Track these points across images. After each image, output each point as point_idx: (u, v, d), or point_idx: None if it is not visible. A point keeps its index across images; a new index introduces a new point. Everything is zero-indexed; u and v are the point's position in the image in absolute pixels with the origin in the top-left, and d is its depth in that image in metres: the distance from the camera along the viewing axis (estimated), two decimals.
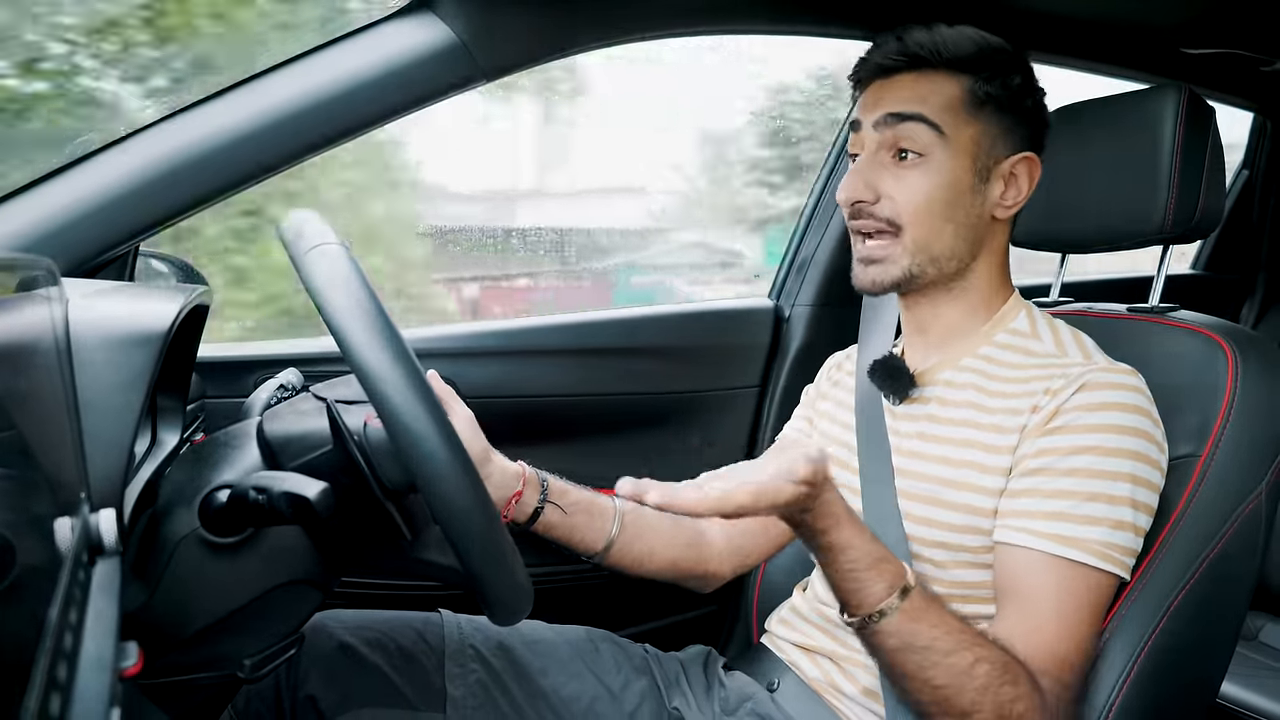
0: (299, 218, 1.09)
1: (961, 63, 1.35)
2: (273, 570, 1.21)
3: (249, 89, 1.59)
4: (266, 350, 2.04)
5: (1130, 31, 2.08)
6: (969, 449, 1.33)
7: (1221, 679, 1.43)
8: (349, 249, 1.01)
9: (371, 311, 0.97)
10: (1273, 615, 2.51)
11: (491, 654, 1.55)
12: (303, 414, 1.28)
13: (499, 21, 1.64)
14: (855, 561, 1.15)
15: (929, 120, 1.33)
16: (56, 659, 0.60)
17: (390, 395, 0.96)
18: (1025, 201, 1.39)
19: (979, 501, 1.31)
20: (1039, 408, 1.29)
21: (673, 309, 2.40)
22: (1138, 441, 1.25)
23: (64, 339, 0.93)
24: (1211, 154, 1.48)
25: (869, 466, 1.43)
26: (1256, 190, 3.10)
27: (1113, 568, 1.23)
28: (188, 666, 1.19)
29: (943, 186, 1.33)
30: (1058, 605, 1.22)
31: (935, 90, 1.35)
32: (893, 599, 1.14)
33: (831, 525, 1.13)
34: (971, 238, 1.37)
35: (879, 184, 1.35)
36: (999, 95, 1.35)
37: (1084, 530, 1.22)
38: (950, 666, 1.15)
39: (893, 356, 1.47)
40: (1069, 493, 1.24)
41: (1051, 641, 1.21)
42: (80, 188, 1.49)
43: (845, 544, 1.15)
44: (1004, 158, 1.37)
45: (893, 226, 1.35)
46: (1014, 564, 1.26)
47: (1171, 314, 1.51)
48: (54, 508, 0.73)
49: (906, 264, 1.36)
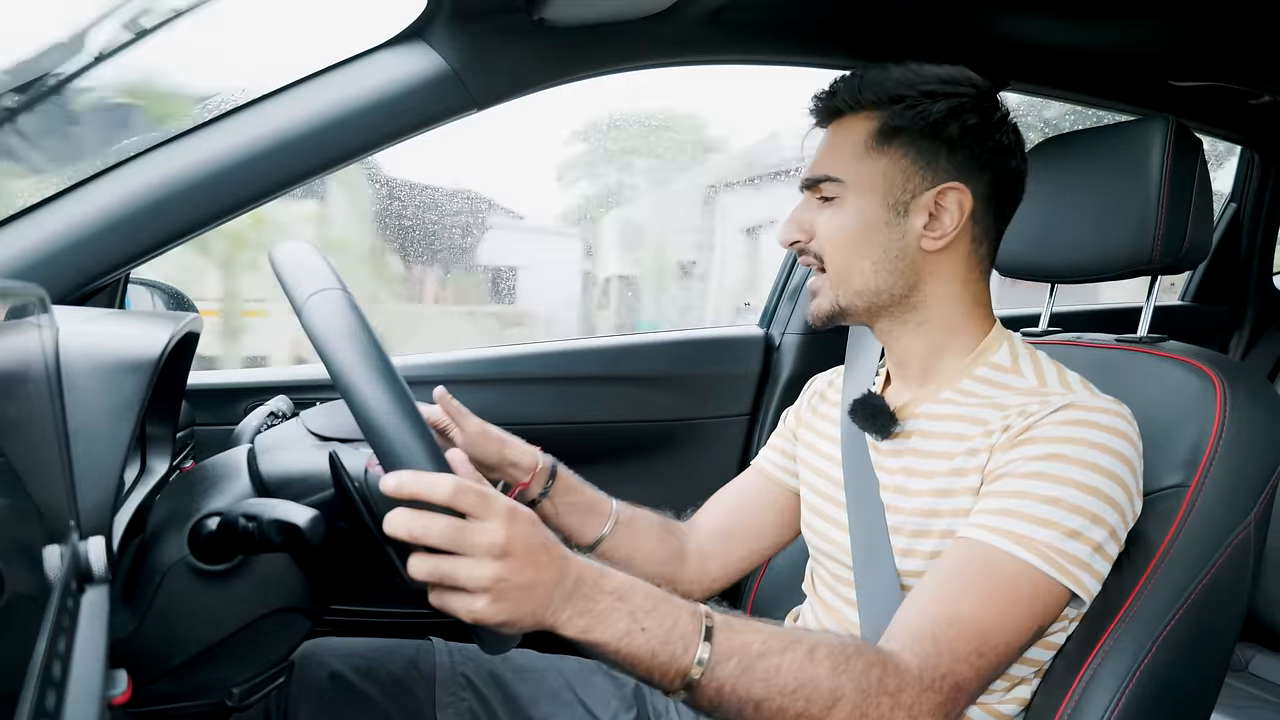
0: (294, 252, 1.08)
1: (879, 100, 1.34)
2: (262, 598, 1.21)
3: (240, 117, 1.60)
4: (256, 377, 2.04)
5: (1118, 63, 2.09)
6: (949, 478, 1.31)
7: (1211, 710, 1.43)
8: (349, 294, 1.01)
9: (382, 370, 0.96)
10: (1262, 647, 2.51)
11: (483, 683, 1.55)
12: (298, 451, 1.28)
13: (491, 51, 1.65)
14: (650, 598, 1.05)
15: (831, 178, 1.35)
16: (45, 687, 0.60)
17: (410, 465, 0.95)
18: (955, 234, 1.34)
19: (954, 525, 1.28)
20: (1010, 427, 1.26)
21: (663, 337, 2.41)
22: (1113, 462, 1.20)
23: (54, 366, 0.93)
24: (1199, 185, 1.49)
25: (857, 503, 1.42)
26: (1244, 222, 3.12)
27: (1059, 575, 1.15)
28: (176, 695, 1.18)
29: (853, 223, 1.34)
30: (977, 587, 1.16)
31: (844, 137, 1.36)
32: (701, 618, 1.05)
33: (600, 574, 1.04)
34: (896, 270, 1.35)
35: (809, 224, 1.38)
36: (913, 125, 1.33)
37: (1032, 529, 1.16)
38: (792, 664, 1.06)
39: (872, 395, 1.45)
40: (1025, 494, 1.19)
41: (951, 611, 1.14)
42: (70, 216, 1.49)
43: (629, 586, 1.05)
44: (924, 189, 1.33)
45: (820, 261, 1.38)
46: (949, 551, 1.23)
47: (1160, 345, 1.51)
48: (43, 535, 0.73)
49: (833, 297, 1.38)
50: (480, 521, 0.95)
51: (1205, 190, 1.51)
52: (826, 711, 1.06)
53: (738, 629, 1.07)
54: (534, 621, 0.99)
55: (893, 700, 1.07)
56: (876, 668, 1.08)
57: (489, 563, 0.95)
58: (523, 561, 0.96)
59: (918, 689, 1.09)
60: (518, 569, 0.96)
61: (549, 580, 0.99)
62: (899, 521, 1.34)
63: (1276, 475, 1.37)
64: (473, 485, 0.95)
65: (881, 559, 1.34)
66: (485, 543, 0.94)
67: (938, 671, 1.11)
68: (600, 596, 1.02)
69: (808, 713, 1.06)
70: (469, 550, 0.94)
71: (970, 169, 1.34)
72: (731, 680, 1.04)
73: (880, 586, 1.33)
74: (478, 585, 0.95)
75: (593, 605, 1.01)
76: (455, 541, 0.94)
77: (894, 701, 1.07)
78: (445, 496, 0.93)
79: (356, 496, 1.15)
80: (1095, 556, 1.18)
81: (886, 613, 1.26)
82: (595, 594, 1.02)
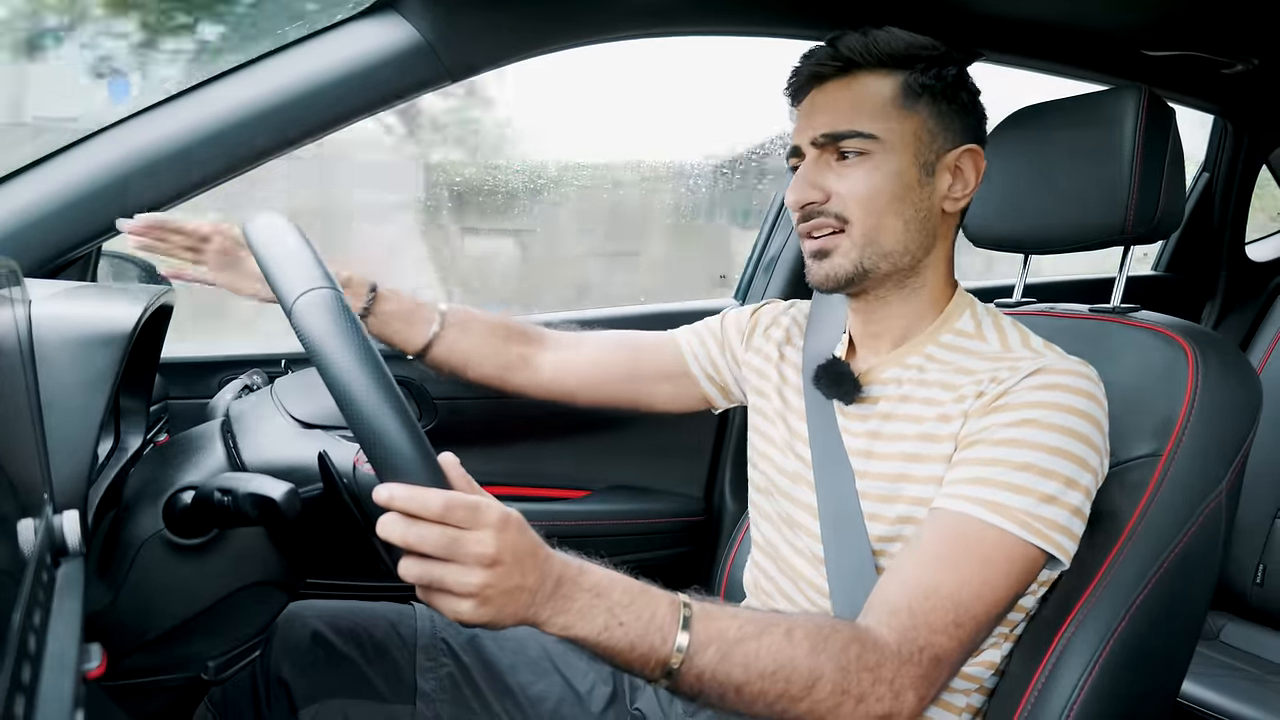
0: (276, 236, 1.05)
1: (894, 59, 1.33)
2: (238, 572, 1.21)
3: (211, 89, 1.59)
4: (230, 351, 2.03)
5: (1091, 33, 2.09)
6: (919, 442, 1.31)
7: (1183, 678, 1.44)
8: (339, 292, 0.99)
9: (377, 377, 0.95)
10: (1233, 615, 2.54)
11: (462, 649, 1.57)
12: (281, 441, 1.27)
13: (464, 22, 1.64)
14: (628, 592, 1.05)
15: (863, 134, 1.31)
16: (20, 661, 0.59)
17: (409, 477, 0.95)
18: (973, 194, 1.38)
19: (926, 492, 1.28)
20: (984, 393, 1.27)
21: (637, 310, 2.41)
22: (1082, 423, 1.21)
23: (26, 339, 0.93)
24: (1171, 155, 1.49)
25: (824, 468, 1.42)
26: (1216, 192, 3.13)
27: (1037, 540, 1.16)
28: (151, 669, 1.18)
29: (888, 179, 1.32)
30: (954, 558, 1.17)
31: (869, 93, 1.33)
32: (679, 607, 1.06)
33: (579, 572, 1.04)
34: (922, 232, 1.35)
35: (825, 183, 1.34)
36: (934, 86, 1.33)
37: (1007, 496, 1.17)
38: (770, 647, 1.07)
39: (835, 361, 1.44)
40: (999, 461, 1.20)
41: (928, 584, 1.15)
42: (41, 188, 1.48)
43: (607, 582, 1.05)
44: (947, 150, 1.35)
45: (841, 221, 1.34)
46: (925, 522, 1.24)
47: (1133, 314, 1.51)
48: (17, 509, 0.73)
49: (856, 257, 1.34)
50: (472, 532, 0.95)
51: (1178, 160, 1.51)
52: (807, 691, 1.06)
53: (715, 616, 1.07)
54: (516, 621, 1.00)
55: (873, 675, 1.08)
56: (855, 644, 1.09)
57: (478, 571, 0.95)
58: (510, 568, 0.97)
59: (897, 663, 1.10)
60: (505, 575, 0.97)
61: (532, 584, 0.99)
62: (866, 486, 1.34)
63: (1248, 444, 1.38)
64: (463, 500, 0.95)
65: (853, 524, 1.34)
66: (476, 552, 0.95)
67: (915, 645, 1.11)
68: (578, 594, 1.03)
69: (788, 693, 1.06)
70: (460, 559, 0.95)
71: (977, 132, 1.39)
72: (711, 667, 1.05)
73: (851, 551, 1.33)
74: (466, 590, 0.96)
75: (571, 603, 1.02)
76: (447, 550, 0.94)
77: (874, 677, 1.08)
78: (436, 515, 0.94)
79: (346, 494, 1.15)
80: (1072, 519, 1.19)
81: (857, 576, 1.27)
82: (574, 592, 1.02)
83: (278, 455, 1.26)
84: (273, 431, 1.31)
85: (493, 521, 0.97)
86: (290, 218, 1.07)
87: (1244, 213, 3.19)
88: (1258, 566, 2.50)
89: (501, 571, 0.96)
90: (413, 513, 0.94)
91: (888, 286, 1.38)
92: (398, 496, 0.94)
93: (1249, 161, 3.09)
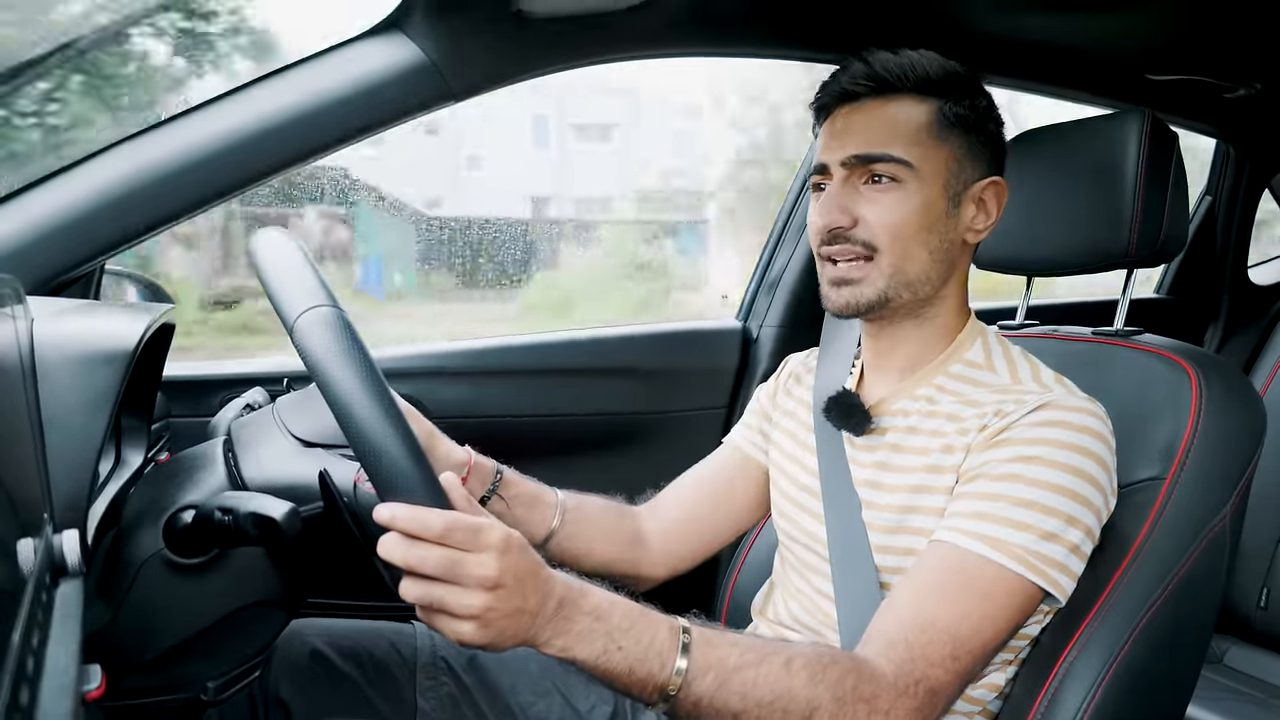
0: (280, 255, 1.05)
1: (929, 85, 1.32)
2: (238, 591, 1.20)
3: (217, 108, 1.59)
4: (231, 369, 2.03)
5: (1094, 57, 2.10)
6: (926, 474, 1.31)
7: (1187, 702, 1.43)
8: (342, 310, 0.99)
9: (379, 396, 0.95)
10: (1238, 639, 2.53)
11: (463, 669, 1.56)
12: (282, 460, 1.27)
13: (469, 42, 1.64)
14: (627, 616, 1.05)
15: (897, 159, 1.30)
16: (18, 682, 0.59)
17: (410, 496, 0.95)
18: (994, 226, 1.37)
19: (932, 524, 1.28)
20: (987, 426, 1.26)
21: (641, 329, 2.40)
22: (1086, 461, 1.21)
23: (28, 357, 0.93)
24: (1174, 179, 1.49)
25: (833, 498, 1.41)
26: (1219, 215, 3.13)
27: (1034, 577, 1.16)
28: (151, 689, 1.18)
29: (918, 210, 1.30)
30: (952, 592, 1.16)
31: (904, 118, 1.32)
32: (678, 633, 1.06)
33: (579, 594, 1.04)
34: (946, 261, 1.35)
35: (854, 208, 1.32)
36: (967, 116, 1.33)
37: (1007, 533, 1.17)
38: (768, 676, 1.07)
39: (846, 393, 1.44)
40: (1001, 496, 1.20)
41: (925, 617, 1.15)
42: (45, 206, 1.48)
43: (607, 605, 1.05)
44: (973, 181, 1.34)
45: (869, 249, 1.32)
46: (924, 554, 1.23)
47: (1136, 338, 1.51)
48: (16, 528, 0.73)
49: (882, 286, 1.32)
50: (473, 554, 0.95)
51: (1181, 183, 1.51)
52: None
53: (715, 643, 1.07)
54: (516, 643, 1.00)
55: (869, 707, 1.08)
56: (851, 675, 1.09)
57: (480, 593, 0.95)
58: (511, 591, 0.97)
59: (893, 695, 1.10)
60: (506, 598, 0.96)
61: (533, 607, 0.99)
62: (873, 517, 1.34)
63: (1252, 468, 1.37)
64: (464, 521, 0.95)
65: (860, 556, 1.33)
66: (478, 575, 0.94)
67: (912, 677, 1.11)
68: (579, 617, 1.02)
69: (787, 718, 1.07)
70: (461, 581, 0.95)
71: (1000, 163, 1.39)
72: (709, 694, 1.05)
73: (859, 583, 1.32)
74: (467, 613, 0.95)
75: (571, 625, 1.02)
76: (448, 572, 0.94)
77: (870, 708, 1.08)
78: (437, 536, 0.93)
79: (346, 513, 1.15)
80: (1071, 557, 1.19)
81: (866, 608, 1.26)
82: (574, 614, 1.02)
83: (279, 474, 1.25)
84: (274, 450, 1.30)
85: (494, 543, 0.96)
86: (294, 234, 1.07)
87: (1246, 236, 3.19)
88: (1262, 590, 2.49)
89: (503, 594, 0.96)
90: (414, 533, 0.93)
91: (904, 316, 1.38)
92: (399, 516, 0.93)
93: (1251, 185, 3.09)
